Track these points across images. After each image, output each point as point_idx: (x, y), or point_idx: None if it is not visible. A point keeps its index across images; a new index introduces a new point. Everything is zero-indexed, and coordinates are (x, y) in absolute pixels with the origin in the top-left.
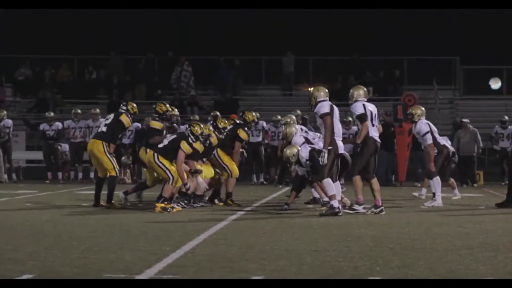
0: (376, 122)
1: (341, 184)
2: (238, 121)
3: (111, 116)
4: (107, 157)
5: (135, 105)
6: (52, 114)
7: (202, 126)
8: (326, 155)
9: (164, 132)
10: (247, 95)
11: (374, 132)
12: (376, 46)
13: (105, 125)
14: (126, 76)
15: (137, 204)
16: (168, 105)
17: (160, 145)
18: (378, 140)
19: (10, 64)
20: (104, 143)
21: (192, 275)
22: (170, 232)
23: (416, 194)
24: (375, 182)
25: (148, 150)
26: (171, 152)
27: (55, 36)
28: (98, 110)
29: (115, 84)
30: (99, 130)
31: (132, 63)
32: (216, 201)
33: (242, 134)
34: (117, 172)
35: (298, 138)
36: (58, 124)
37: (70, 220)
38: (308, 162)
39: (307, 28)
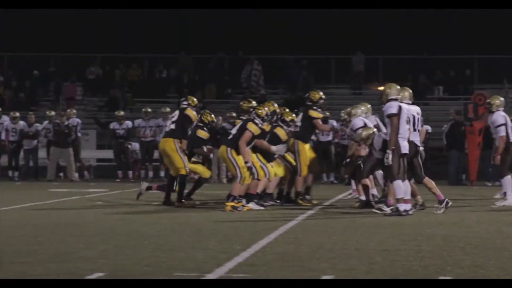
0: (418, 126)
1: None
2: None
3: (176, 113)
4: (179, 155)
5: (194, 98)
6: (122, 113)
7: (266, 108)
8: (390, 155)
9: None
10: None
11: (415, 137)
12: (446, 45)
13: (173, 122)
14: (196, 75)
15: (207, 202)
16: (213, 115)
17: (230, 136)
18: (418, 144)
19: (80, 63)
20: (175, 140)
21: (262, 274)
22: (241, 231)
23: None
24: (427, 180)
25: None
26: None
27: (125, 35)
28: (168, 109)
29: (185, 83)
30: (168, 129)
31: (202, 62)
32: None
33: (313, 113)
34: (187, 170)
35: (358, 121)
36: (128, 123)
37: (140, 218)
38: (379, 151)
39: (377, 27)
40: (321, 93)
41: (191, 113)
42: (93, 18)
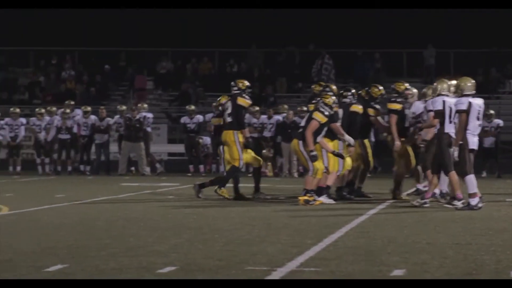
0: (454, 119)
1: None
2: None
3: (229, 104)
4: (236, 146)
5: (245, 81)
6: (193, 107)
7: (333, 97)
8: (456, 151)
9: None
10: (388, 88)
11: (451, 129)
12: None
13: (228, 114)
14: (266, 69)
15: (278, 197)
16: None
17: (300, 130)
18: (453, 136)
19: (151, 57)
20: (234, 132)
21: (333, 268)
22: (312, 225)
23: None
24: (452, 174)
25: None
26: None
27: (196, 30)
28: None
29: (255, 77)
30: (227, 121)
31: (272, 56)
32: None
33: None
34: (241, 163)
35: (439, 100)
36: (199, 117)
37: (211, 212)
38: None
39: (448, 22)
40: (381, 88)
41: (242, 101)
42: (164, 14)
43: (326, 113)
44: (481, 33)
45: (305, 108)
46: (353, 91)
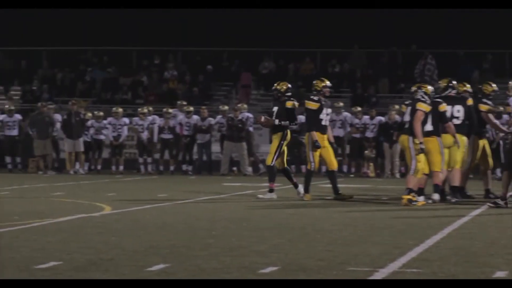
0: None
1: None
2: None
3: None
4: (308, 148)
5: (287, 84)
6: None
7: (429, 87)
8: None
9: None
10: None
11: None
12: None
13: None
14: (369, 70)
15: (380, 197)
16: None
17: (406, 125)
18: None
19: (254, 57)
20: (309, 133)
21: (435, 269)
22: (414, 225)
23: None
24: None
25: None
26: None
27: (298, 30)
28: (341, 104)
29: (358, 77)
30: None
31: (375, 56)
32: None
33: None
34: (313, 166)
35: None
36: (301, 118)
37: (314, 213)
38: None
39: None
40: (493, 86)
41: (290, 103)
42: (265, 14)
43: (428, 102)
44: None
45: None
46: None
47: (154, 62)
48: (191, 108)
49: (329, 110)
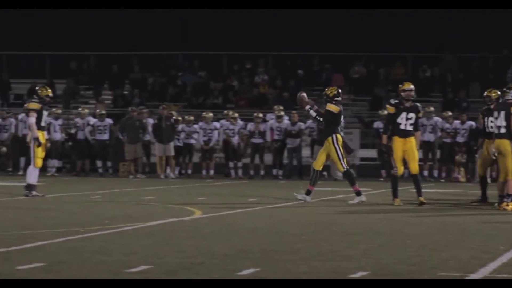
0: None
1: None
2: None
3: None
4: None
5: (333, 90)
6: (385, 112)
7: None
8: None
9: None
10: None
11: None
12: None
13: None
14: (460, 74)
15: (474, 201)
16: None
17: (502, 130)
18: None
19: (344, 61)
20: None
21: None
22: (504, 231)
23: None
24: None
25: None
26: None
27: (389, 34)
28: (432, 108)
29: (449, 82)
30: None
31: (466, 61)
32: None
33: None
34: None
35: None
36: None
37: (404, 218)
38: None
39: None
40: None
41: (331, 107)
42: (357, 18)
43: None
44: None
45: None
46: None
47: (245, 67)
48: (282, 113)
49: (411, 114)
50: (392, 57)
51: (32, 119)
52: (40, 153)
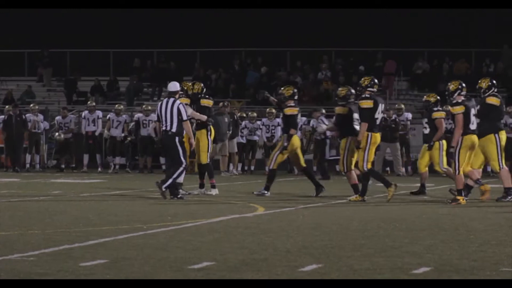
0: None
1: None
2: None
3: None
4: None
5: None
6: (449, 107)
7: None
8: None
9: None
10: None
11: None
12: None
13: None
14: None
15: None
16: None
17: None
18: None
19: (408, 57)
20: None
21: None
22: None
23: None
24: None
25: None
26: None
27: (452, 30)
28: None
29: (510, 77)
30: None
31: None
32: None
33: None
34: (365, 166)
35: None
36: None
37: (468, 213)
38: None
39: None
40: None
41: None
42: (415, 14)
43: None
44: None
45: None
46: None
47: (308, 63)
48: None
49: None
50: (456, 53)
51: (190, 111)
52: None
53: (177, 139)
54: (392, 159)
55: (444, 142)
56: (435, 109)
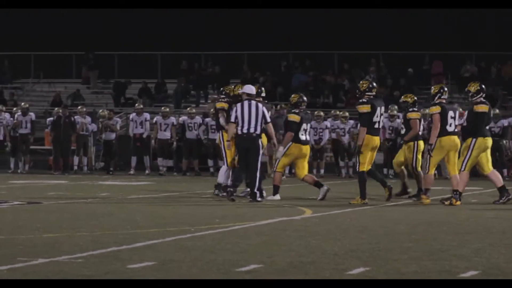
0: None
1: None
2: None
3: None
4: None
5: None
6: (497, 111)
7: None
8: None
9: None
10: None
11: None
12: None
13: None
14: None
15: None
16: None
17: None
18: None
19: (455, 60)
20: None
21: None
22: None
23: None
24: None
25: None
26: None
27: (500, 33)
28: None
29: None
30: None
31: None
32: None
33: None
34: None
35: None
36: (504, 122)
37: None
38: None
39: None
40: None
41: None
42: (467, 16)
43: None
44: None
45: None
46: None
47: (356, 66)
48: (395, 112)
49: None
50: (504, 56)
51: (222, 119)
52: (231, 153)
53: (260, 141)
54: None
55: (420, 142)
56: (411, 109)
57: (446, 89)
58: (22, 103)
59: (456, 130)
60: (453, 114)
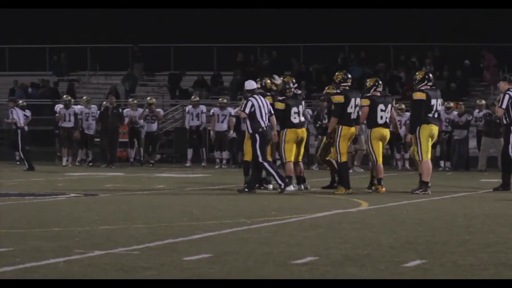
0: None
1: None
2: None
3: None
4: None
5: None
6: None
7: None
8: None
9: None
10: None
11: None
12: None
13: None
14: None
15: None
16: None
17: None
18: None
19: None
20: None
21: None
22: None
23: None
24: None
25: None
26: None
27: None
28: None
29: None
30: None
31: None
32: None
33: None
34: None
35: None
36: None
37: None
38: None
39: None
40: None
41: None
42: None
43: None
44: None
45: None
46: None
47: (412, 59)
48: (451, 104)
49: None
50: None
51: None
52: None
53: None
54: (496, 155)
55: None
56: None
57: (380, 82)
58: (84, 97)
59: (387, 122)
60: (384, 108)
